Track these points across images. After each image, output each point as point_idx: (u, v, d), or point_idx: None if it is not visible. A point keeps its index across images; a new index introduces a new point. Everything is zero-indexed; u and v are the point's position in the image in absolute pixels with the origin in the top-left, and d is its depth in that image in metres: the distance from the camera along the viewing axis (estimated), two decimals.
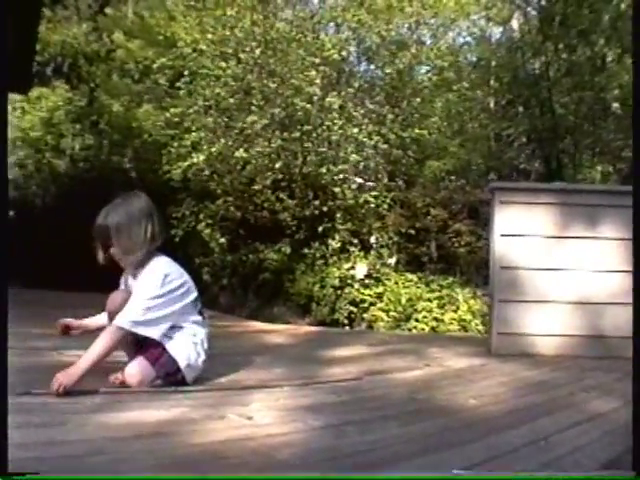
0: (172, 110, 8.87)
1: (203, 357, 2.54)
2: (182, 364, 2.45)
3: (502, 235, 4.22)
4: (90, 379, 2.22)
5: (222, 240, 8.72)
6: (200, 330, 2.57)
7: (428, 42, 10.00)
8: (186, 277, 2.54)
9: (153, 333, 2.38)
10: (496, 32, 11.98)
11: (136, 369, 2.39)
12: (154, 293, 2.38)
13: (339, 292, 7.40)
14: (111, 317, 2.51)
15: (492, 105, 11.04)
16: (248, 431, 1.89)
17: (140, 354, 2.43)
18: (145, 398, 2.26)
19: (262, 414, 2.08)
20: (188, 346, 2.49)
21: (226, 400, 2.28)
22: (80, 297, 8.60)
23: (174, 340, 2.46)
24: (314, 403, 2.34)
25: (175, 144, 8.88)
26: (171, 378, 2.44)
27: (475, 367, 3.61)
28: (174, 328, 2.47)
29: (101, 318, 2.64)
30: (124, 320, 2.32)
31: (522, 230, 4.21)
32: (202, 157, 8.24)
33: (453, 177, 8.72)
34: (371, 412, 2.28)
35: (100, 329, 2.56)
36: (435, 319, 6.88)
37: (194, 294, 2.57)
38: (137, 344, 2.44)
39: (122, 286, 2.65)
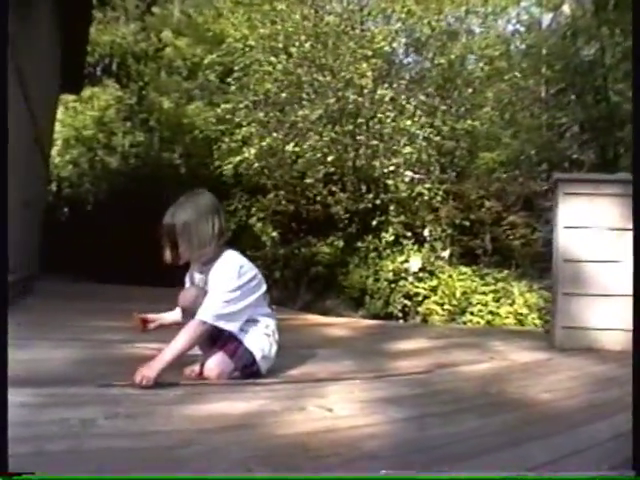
0: (223, 106, 9.00)
1: (275, 348, 2.58)
2: (258, 356, 2.49)
3: (565, 227, 4.14)
4: (164, 372, 2.26)
5: (274, 234, 8.81)
6: (271, 322, 2.61)
7: (477, 31, 9.88)
8: (256, 270, 2.58)
9: (233, 327, 2.42)
10: (547, 18, 11.72)
11: (215, 362, 2.43)
12: (232, 286, 2.42)
13: (393, 285, 7.39)
14: (184, 313, 2.58)
15: (543, 94, 10.82)
16: (330, 423, 1.91)
17: (216, 348, 2.47)
18: (224, 390, 2.30)
19: (341, 406, 2.09)
20: (262, 338, 2.53)
21: (303, 392, 2.30)
22: (135, 291, 8.82)
23: (249, 333, 2.50)
24: (390, 395, 2.34)
25: (226, 139, 8.99)
26: (247, 370, 2.48)
27: (541, 361, 3.56)
28: (248, 321, 2.51)
29: (174, 314, 2.69)
30: (207, 314, 2.36)
31: (586, 222, 4.12)
32: (253, 151, 8.30)
33: (506, 168, 8.58)
34: (447, 405, 2.28)
35: (174, 324, 2.62)
36: (490, 313, 6.80)
37: (264, 286, 2.60)
38: (211, 338, 2.49)
39: (187, 283, 2.71)
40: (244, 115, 8.67)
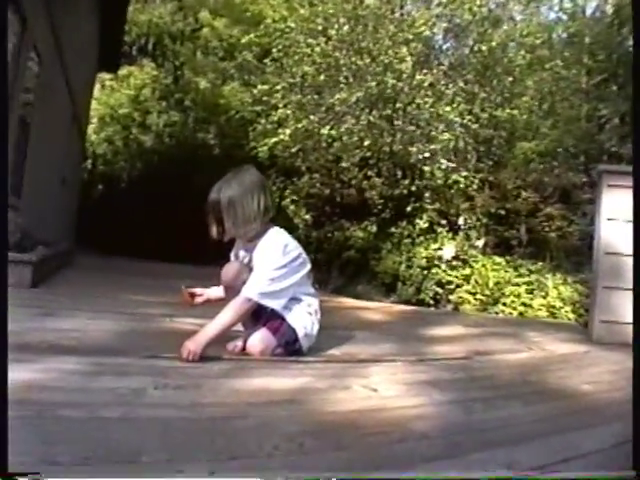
0: (259, 87, 8.98)
1: (317, 327, 2.61)
2: (300, 333, 2.52)
3: (608, 219, 4.09)
4: (208, 346, 2.29)
5: (307, 217, 8.82)
6: (314, 301, 2.63)
7: (519, 18, 9.72)
8: (301, 248, 2.59)
9: (277, 304, 2.45)
10: (591, 6, 11.46)
11: (259, 339, 2.46)
12: (277, 263, 2.44)
13: (425, 272, 7.35)
14: (226, 289, 2.60)
15: (585, 85, 10.61)
16: (376, 402, 1.92)
17: (259, 324, 2.50)
18: (268, 366, 2.33)
19: (385, 387, 2.11)
20: (305, 316, 2.56)
21: (346, 372, 2.31)
22: (168, 268, 8.95)
23: (292, 311, 2.53)
24: (432, 379, 2.35)
25: (262, 121, 9.01)
26: (290, 347, 2.51)
27: (579, 354, 3.54)
28: (292, 299, 2.53)
29: (219, 290, 2.72)
30: (252, 291, 2.39)
31: (629, 215, 4.05)
32: (288, 132, 8.31)
33: (544, 159, 8.45)
34: (489, 390, 2.28)
35: (219, 300, 2.66)
36: (523, 304, 6.74)
37: (309, 265, 2.62)
38: (254, 314, 2.51)
39: (232, 258, 2.72)
40: (281, 97, 8.67)
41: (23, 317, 2.78)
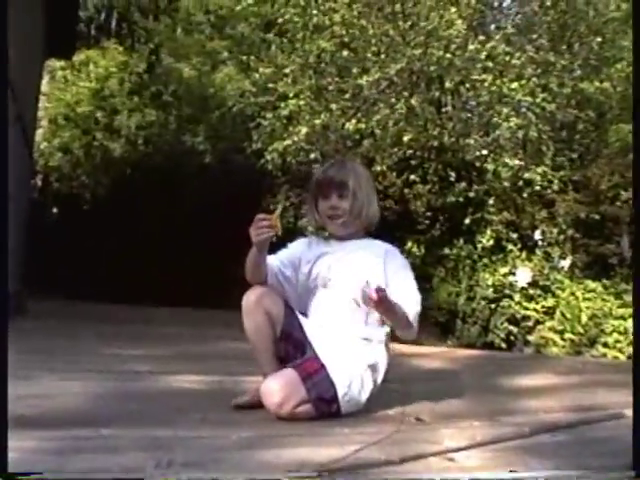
0: (262, 71, 9.01)
1: (367, 392, 2.63)
2: (340, 391, 2.51)
3: None
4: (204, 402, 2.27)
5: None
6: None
7: None
8: None
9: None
10: None
11: (280, 383, 2.46)
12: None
13: (493, 306, 7.34)
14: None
15: None
16: (458, 475, 1.90)
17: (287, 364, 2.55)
18: (301, 431, 2.31)
19: (465, 455, 2.08)
20: (353, 370, 2.58)
21: (409, 437, 2.29)
22: (149, 312, 8.96)
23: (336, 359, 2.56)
24: (525, 443, 2.33)
25: (267, 116, 9.03)
26: (322, 407, 2.50)
27: None
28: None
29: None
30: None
31: None
32: (304, 131, 8.32)
33: None
34: (608, 457, 2.24)
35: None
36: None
37: None
38: (281, 353, 2.64)
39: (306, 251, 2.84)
40: (291, 82, 8.71)
41: None
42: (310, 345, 2.61)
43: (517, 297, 7.35)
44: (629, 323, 6.75)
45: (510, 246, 7.79)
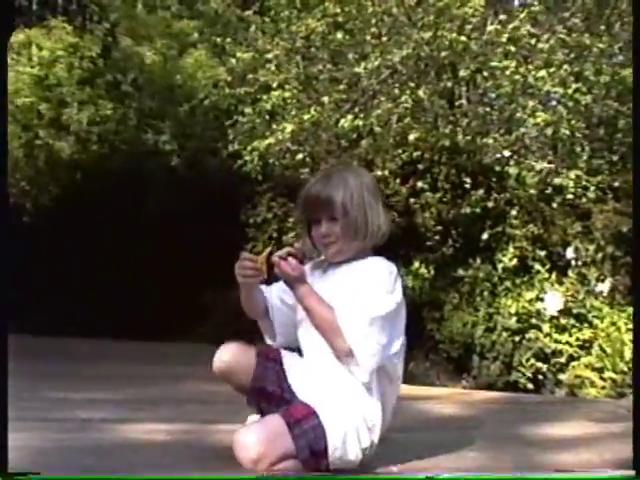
0: (240, 56, 9.00)
1: (359, 451, 2.62)
2: (331, 444, 2.51)
3: None
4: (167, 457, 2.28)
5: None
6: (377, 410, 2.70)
7: None
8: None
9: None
10: None
11: (258, 432, 2.46)
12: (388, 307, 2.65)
13: (517, 338, 7.29)
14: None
15: None
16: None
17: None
18: None
19: None
20: (351, 421, 2.58)
21: None
22: (105, 346, 8.93)
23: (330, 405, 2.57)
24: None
25: (247, 110, 9.01)
26: (309, 462, 2.49)
27: None
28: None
29: None
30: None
31: None
32: (289, 128, 8.31)
33: None
34: None
35: None
36: None
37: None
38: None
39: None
40: (275, 70, 8.72)
41: None
42: (292, 392, 2.66)
43: (546, 328, 7.29)
44: None
45: (537, 266, 7.74)
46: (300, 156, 8.61)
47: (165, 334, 9.72)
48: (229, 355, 2.73)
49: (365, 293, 2.62)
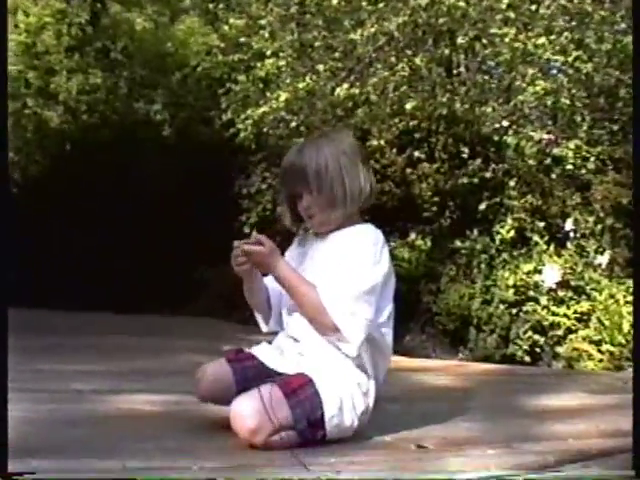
0: (233, 22, 8.96)
1: (357, 420, 2.62)
2: (328, 413, 2.51)
3: None
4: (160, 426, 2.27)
5: None
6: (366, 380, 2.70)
7: None
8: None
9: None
10: None
11: (255, 403, 2.44)
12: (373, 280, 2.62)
13: (514, 311, 7.30)
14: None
15: None
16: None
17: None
18: (273, 461, 2.32)
19: None
20: (347, 388, 2.59)
21: (410, 467, 2.30)
22: (95, 319, 8.94)
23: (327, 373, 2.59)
24: (553, 476, 2.34)
25: (240, 78, 8.98)
26: (305, 433, 2.50)
27: None
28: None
29: None
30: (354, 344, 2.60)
31: None
32: (284, 96, 8.28)
33: None
34: None
35: None
36: None
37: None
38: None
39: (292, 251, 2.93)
40: (268, 37, 8.68)
41: None
42: (281, 374, 2.67)
43: (544, 300, 7.29)
44: None
45: (535, 238, 7.74)
46: (293, 124, 8.57)
47: (159, 307, 9.72)
48: (207, 382, 2.75)
49: (350, 267, 2.60)
